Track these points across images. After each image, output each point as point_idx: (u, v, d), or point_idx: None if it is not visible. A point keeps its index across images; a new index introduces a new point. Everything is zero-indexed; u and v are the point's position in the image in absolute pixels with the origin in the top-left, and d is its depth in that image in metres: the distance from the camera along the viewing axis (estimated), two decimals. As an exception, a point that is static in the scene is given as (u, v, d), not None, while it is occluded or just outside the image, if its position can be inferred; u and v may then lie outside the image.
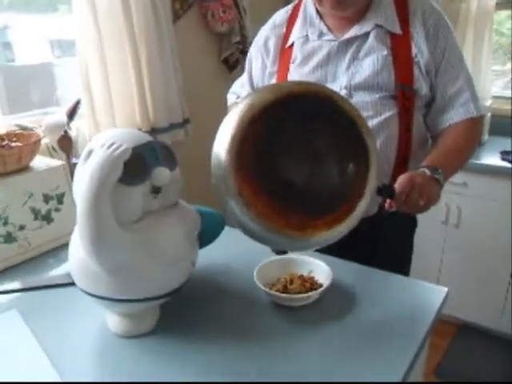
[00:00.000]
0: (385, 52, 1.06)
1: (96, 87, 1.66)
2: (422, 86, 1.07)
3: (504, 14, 2.45)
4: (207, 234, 0.89)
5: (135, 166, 0.72)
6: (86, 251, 0.72)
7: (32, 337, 0.82)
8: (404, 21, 1.07)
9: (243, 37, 2.26)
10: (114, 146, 0.71)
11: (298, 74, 1.13)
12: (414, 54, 1.06)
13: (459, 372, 2.04)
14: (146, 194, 0.75)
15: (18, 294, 0.98)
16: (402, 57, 1.06)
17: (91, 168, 0.70)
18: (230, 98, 1.39)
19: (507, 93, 2.44)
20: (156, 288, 0.79)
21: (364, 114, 1.02)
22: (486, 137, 2.28)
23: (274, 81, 1.20)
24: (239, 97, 1.34)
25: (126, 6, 1.66)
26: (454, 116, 1.09)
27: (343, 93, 1.06)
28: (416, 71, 1.06)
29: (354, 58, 1.08)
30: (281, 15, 1.22)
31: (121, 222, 0.72)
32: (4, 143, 1.17)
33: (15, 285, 1.00)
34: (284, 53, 1.17)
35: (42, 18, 1.88)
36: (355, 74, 1.07)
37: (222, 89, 1.48)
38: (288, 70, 1.15)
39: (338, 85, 1.08)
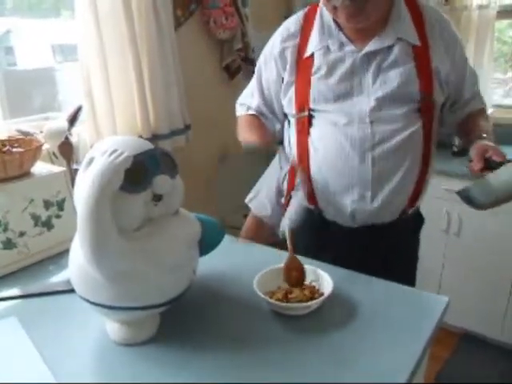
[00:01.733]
0: (411, 64, 1.06)
1: (97, 93, 1.66)
2: (439, 97, 1.11)
3: (505, 22, 2.46)
4: (208, 242, 0.89)
5: (136, 173, 0.72)
6: (85, 258, 0.72)
7: (31, 344, 0.81)
8: (421, 32, 1.08)
9: (245, 44, 2.27)
10: (116, 154, 0.71)
11: (322, 85, 1.10)
12: (434, 65, 1.07)
13: (459, 381, 2.03)
14: (146, 202, 0.75)
15: (18, 300, 0.97)
16: (423, 68, 1.07)
17: (92, 175, 0.70)
18: (239, 109, 1.34)
19: (508, 101, 2.45)
20: (156, 296, 0.78)
21: (393, 126, 1.05)
22: (486, 145, 2.27)
23: (292, 90, 1.16)
24: (249, 108, 1.29)
25: (128, 12, 1.67)
26: (470, 109, 1.21)
27: (373, 105, 1.06)
28: (435, 82, 1.08)
29: (379, 71, 1.07)
30: (294, 24, 1.18)
31: (121, 230, 0.72)
32: (5, 148, 1.17)
33: (14, 291, 0.99)
34: (302, 63, 1.14)
35: (44, 22, 1.89)
36: (383, 86, 1.06)
37: (223, 95, 1.49)
38: (309, 80, 1.12)
39: (365, 96, 1.07)
